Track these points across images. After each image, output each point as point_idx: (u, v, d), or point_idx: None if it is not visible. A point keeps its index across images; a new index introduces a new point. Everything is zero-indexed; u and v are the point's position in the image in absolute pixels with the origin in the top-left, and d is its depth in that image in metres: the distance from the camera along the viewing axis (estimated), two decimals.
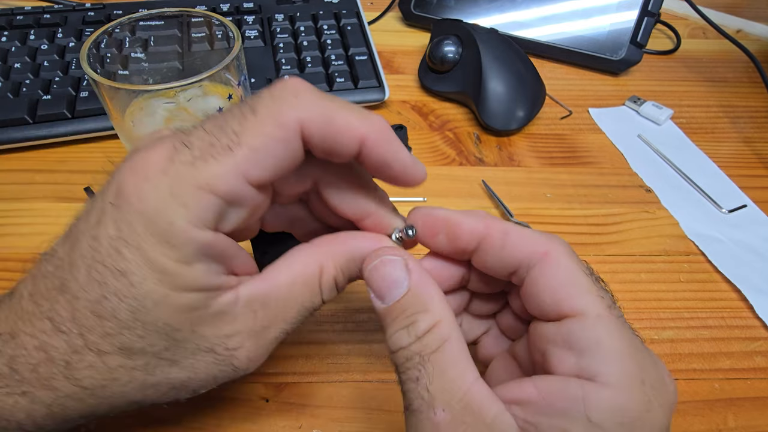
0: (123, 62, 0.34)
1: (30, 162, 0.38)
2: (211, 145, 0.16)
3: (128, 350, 0.17)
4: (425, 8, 0.54)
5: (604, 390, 0.15)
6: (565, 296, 0.17)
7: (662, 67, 0.52)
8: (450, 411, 0.16)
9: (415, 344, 0.17)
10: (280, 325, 0.19)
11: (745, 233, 0.35)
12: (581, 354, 0.16)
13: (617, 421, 0.15)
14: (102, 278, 0.16)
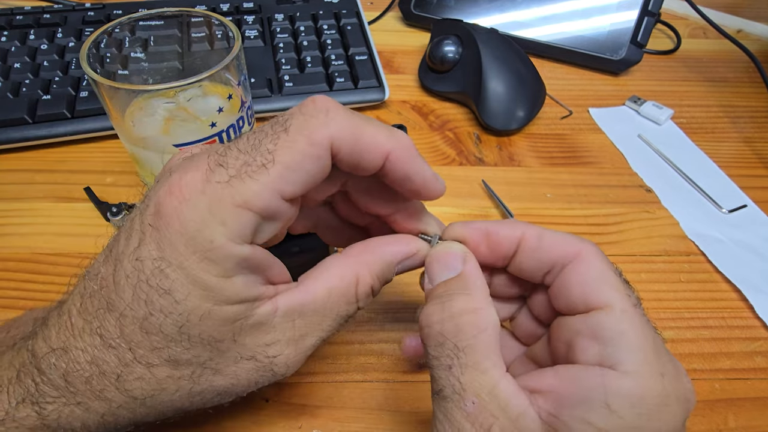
0: (123, 62, 0.34)
1: (30, 162, 0.38)
2: (247, 164, 0.17)
3: (175, 362, 0.18)
4: (425, 8, 0.54)
5: (625, 378, 0.16)
6: (595, 290, 0.18)
7: (662, 67, 0.52)
8: (480, 403, 0.17)
9: (449, 324, 0.18)
10: (317, 333, 0.20)
11: (745, 233, 0.35)
12: (605, 343, 0.17)
13: (636, 411, 0.16)
14: (147, 297, 0.17)
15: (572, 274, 0.19)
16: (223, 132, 0.31)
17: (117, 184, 0.37)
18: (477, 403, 0.17)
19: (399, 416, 0.26)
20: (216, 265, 0.17)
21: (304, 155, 0.17)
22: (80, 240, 0.33)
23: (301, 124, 0.17)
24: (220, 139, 0.31)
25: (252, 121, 0.34)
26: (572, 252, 0.19)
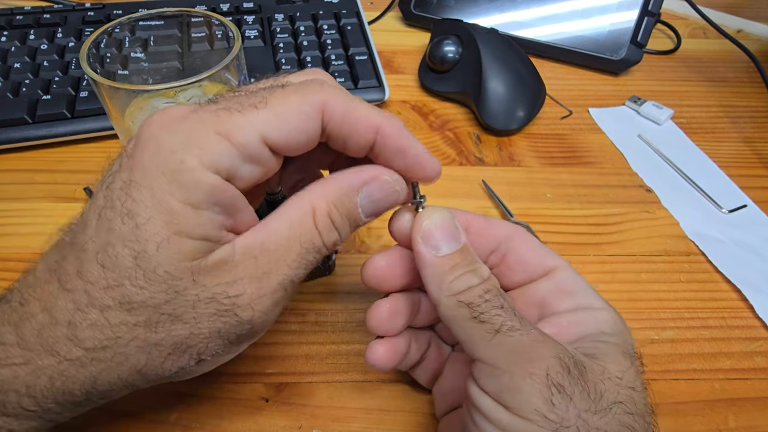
0: (123, 62, 0.34)
1: (30, 162, 0.38)
2: (239, 102, 0.17)
3: (129, 304, 0.17)
4: (425, 8, 0.54)
5: (602, 312, 0.20)
6: (545, 255, 0.22)
7: (662, 67, 0.52)
8: (537, 331, 0.18)
9: (485, 283, 0.19)
10: (282, 270, 0.19)
11: (745, 233, 0.35)
12: (573, 294, 0.21)
13: (620, 330, 0.20)
14: (110, 224, 0.16)
15: (523, 247, 0.22)
16: None
17: None
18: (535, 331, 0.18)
19: (399, 416, 0.26)
20: (184, 190, 0.16)
21: (295, 109, 0.17)
22: None
23: (297, 84, 0.18)
24: None
25: None
26: (512, 230, 0.22)
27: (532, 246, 0.22)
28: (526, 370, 0.17)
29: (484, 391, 0.18)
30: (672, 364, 0.28)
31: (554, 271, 0.22)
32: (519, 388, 0.17)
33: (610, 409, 0.17)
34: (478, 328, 0.18)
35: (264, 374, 0.27)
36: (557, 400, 0.16)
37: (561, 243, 0.34)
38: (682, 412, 0.26)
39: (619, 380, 0.18)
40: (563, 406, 0.16)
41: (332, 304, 0.30)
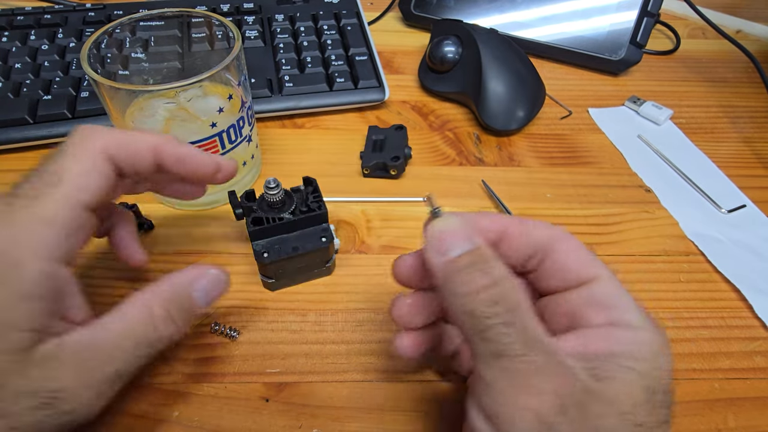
0: (123, 62, 0.34)
1: (30, 162, 0.38)
2: (39, 187, 0.19)
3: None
4: (425, 8, 0.54)
5: (640, 332, 0.18)
6: (585, 264, 0.20)
7: (662, 67, 0.52)
8: (543, 356, 0.17)
9: (495, 289, 0.18)
10: (109, 366, 0.20)
11: (744, 233, 0.35)
12: (610, 308, 0.19)
13: (657, 355, 0.18)
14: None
15: (562, 253, 0.20)
16: (224, 132, 0.31)
17: None
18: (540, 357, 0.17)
19: (399, 416, 0.26)
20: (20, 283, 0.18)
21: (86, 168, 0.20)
22: None
23: (74, 144, 0.20)
24: (220, 139, 0.31)
25: (252, 121, 0.34)
26: (554, 234, 0.21)
27: (573, 252, 0.20)
28: (521, 402, 0.17)
29: (480, 406, 0.18)
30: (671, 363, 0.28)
31: (593, 282, 0.20)
32: (511, 420, 0.17)
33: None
34: (482, 345, 0.18)
35: (264, 374, 0.27)
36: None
37: None
38: (682, 411, 0.26)
39: (625, 415, 0.16)
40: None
41: (332, 304, 0.30)
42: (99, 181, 0.20)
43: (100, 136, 0.21)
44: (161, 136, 0.23)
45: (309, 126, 0.43)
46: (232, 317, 0.29)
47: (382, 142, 0.39)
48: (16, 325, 0.18)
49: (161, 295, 0.22)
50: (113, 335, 0.20)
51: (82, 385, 0.19)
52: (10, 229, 0.18)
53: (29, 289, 0.18)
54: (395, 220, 0.35)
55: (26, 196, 0.19)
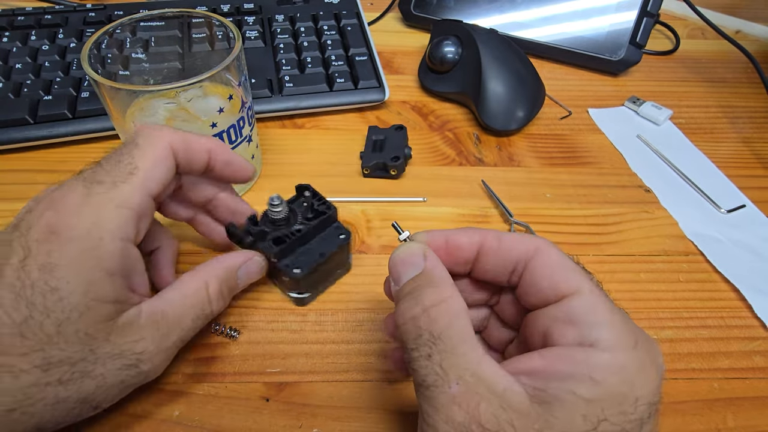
0: (124, 63, 0.34)
1: (31, 162, 0.38)
2: (118, 174, 0.22)
3: (47, 365, 0.19)
4: (425, 9, 0.54)
5: (605, 354, 0.17)
6: (562, 278, 0.19)
7: (661, 67, 0.52)
8: (464, 384, 0.17)
9: (423, 317, 0.19)
10: (178, 333, 0.23)
11: (744, 233, 0.35)
12: (581, 325, 0.18)
13: (618, 380, 0.17)
14: (30, 300, 0.19)
15: (538, 267, 0.20)
16: (224, 132, 0.31)
17: None
18: (461, 384, 0.17)
19: (399, 416, 0.26)
20: (102, 261, 0.20)
21: (156, 158, 0.23)
22: None
23: (146, 139, 0.23)
24: (220, 139, 0.31)
25: (252, 121, 0.34)
26: (532, 247, 0.20)
27: (550, 265, 0.20)
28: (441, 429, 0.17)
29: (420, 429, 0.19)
30: (671, 363, 0.28)
31: (570, 297, 0.19)
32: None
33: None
34: (412, 374, 0.19)
35: (264, 374, 0.27)
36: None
37: (560, 243, 0.34)
38: (681, 411, 0.26)
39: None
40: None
41: (332, 304, 0.30)
42: (166, 173, 0.23)
43: (167, 133, 0.24)
44: (213, 139, 0.26)
45: (309, 126, 0.43)
46: (232, 317, 0.29)
47: (382, 142, 0.39)
48: (103, 298, 0.20)
49: (215, 273, 0.25)
50: (178, 306, 0.23)
51: (158, 348, 0.22)
52: (93, 212, 0.20)
53: (110, 266, 0.20)
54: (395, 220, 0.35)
55: (105, 182, 0.21)
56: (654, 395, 0.17)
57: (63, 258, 0.19)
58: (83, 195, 0.21)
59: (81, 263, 0.20)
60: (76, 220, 0.20)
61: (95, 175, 0.22)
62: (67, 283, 0.19)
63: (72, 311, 0.19)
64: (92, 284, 0.20)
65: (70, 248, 0.20)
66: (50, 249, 0.19)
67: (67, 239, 0.20)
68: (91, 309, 0.20)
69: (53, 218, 0.20)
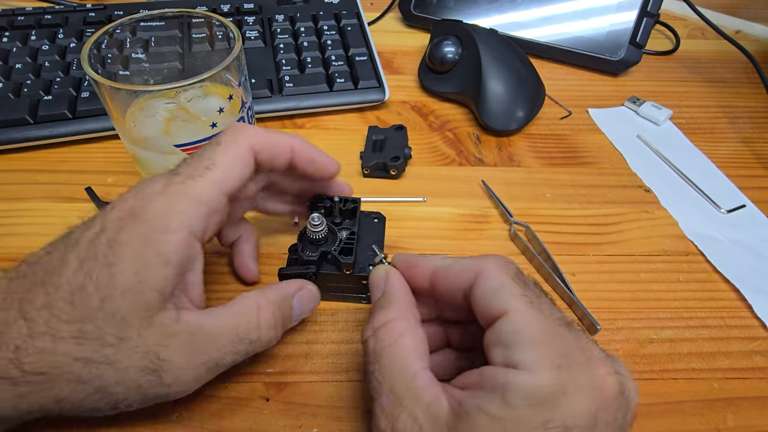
0: (124, 63, 0.34)
1: (31, 162, 0.38)
2: (195, 169, 0.22)
3: (82, 338, 0.19)
4: (425, 9, 0.54)
5: (521, 375, 0.18)
6: (492, 300, 0.20)
7: (661, 67, 0.52)
8: (393, 396, 0.19)
9: (372, 339, 0.21)
10: (211, 352, 0.22)
11: (744, 233, 0.35)
12: (506, 347, 0.19)
13: (528, 402, 0.17)
14: (89, 270, 0.20)
15: (477, 292, 0.20)
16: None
17: (118, 184, 0.37)
18: (391, 398, 0.19)
19: None
20: (162, 245, 0.20)
21: (235, 157, 0.23)
22: None
23: (228, 138, 0.24)
24: None
25: (252, 121, 0.34)
26: (473, 274, 0.21)
27: (485, 289, 0.20)
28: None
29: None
30: (671, 363, 0.28)
31: (501, 318, 0.19)
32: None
33: None
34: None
35: (264, 374, 0.27)
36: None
37: (560, 243, 0.34)
38: (681, 411, 0.26)
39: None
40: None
41: (333, 303, 0.30)
42: (242, 171, 0.23)
43: (250, 133, 0.24)
44: (295, 136, 0.26)
45: (309, 126, 0.43)
46: None
47: (382, 143, 0.39)
48: (151, 283, 0.20)
49: (269, 298, 0.24)
50: (221, 324, 0.22)
51: (186, 363, 0.21)
52: (165, 200, 0.21)
53: (168, 251, 0.20)
54: (395, 220, 0.35)
55: (184, 174, 0.22)
56: (574, 418, 0.17)
57: (129, 237, 0.20)
58: (163, 185, 0.22)
59: (142, 244, 0.20)
60: (152, 206, 0.21)
61: (178, 168, 0.23)
62: (123, 260, 0.20)
63: (117, 289, 0.19)
64: (145, 266, 0.20)
65: (138, 229, 0.20)
66: (121, 227, 0.20)
67: (139, 221, 0.20)
68: (135, 291, 0.20)
69: (133, 202, 0.21)
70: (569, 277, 0.32)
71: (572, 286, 0.31)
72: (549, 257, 0.32)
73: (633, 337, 0.29)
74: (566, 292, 0.31)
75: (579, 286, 0.31)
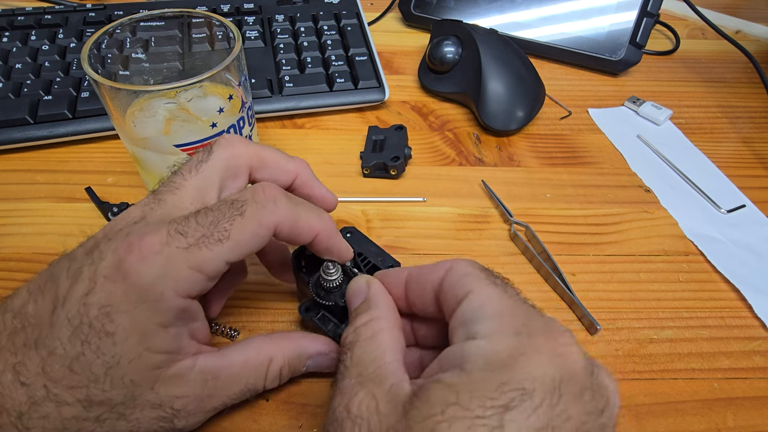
0: (124, 63, 0.34)
1: (31, 162, 0.38)
2: (205, 236, 0.20)
3: (89, 402, 0.19)
4: (425, 9, 0.54)
5: (477, 342, 0.18)
6: (457, 288, 0.20)
7: (661, 67, 0.52)
8: (357, 380, 0.19)
9: (352, 335, 0.21)
10: (223, 398, 0.22)
11: (743, 233, 0.35)
12: (467, 323, 0.19)
13: (484, 367, 0.17)
14: (86, 338, 0.19)
15: (443, 284, 0.21)
16: (224, 132, 0.31)
17: (118, 185, 0.37)
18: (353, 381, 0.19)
19: None
20: (159, 315, 0.19)
21: (252, 235, 0.21)
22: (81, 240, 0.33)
23: (254, 211, 0.21)
24: None
25: (252, 121, 0.34)
26: (444, 269, 0.21)
27: (455, 276, 0.21)
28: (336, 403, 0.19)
29: None
30: (671, 363, 0.28)
31: (463, 299, 0.20)
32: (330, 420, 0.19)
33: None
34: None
35: None
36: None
37: (560, 243, 0.34)
38: (681, 411, 0.26)
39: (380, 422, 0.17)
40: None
41: None
42: (254, 248, 0.21)
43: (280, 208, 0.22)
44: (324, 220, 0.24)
45: (309, 126, 0.43)
46: (232, 317, 0.29)
47: (382, 142, 0.39)
48: (156, 348, 0.20)
49: (284, 352, 0.24)
50: (236, 372, 0.22)
51: (197, 409, 0.22)
52: (163, 265, 0.19)
53: (166, 320, 0.20)
54: (395, 220, 0.35)
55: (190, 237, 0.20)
56: (533, 381, 0.16)
57: (122, 303, 0.19)
58: (162, 243, 0.19)
59: (138, 312, 0.19)
60: (146, 268, 0.19)
61: (185, 225, 0.20)
62: (123, 329, 0.19)
63: (122, 357, 0.19)
64: (145, 335, 0.19)
65: (131, 294, 0.19)
66: (113, 290, 0.19)
67: (131, 284, 0.19)
68: (142, 358, 0.19)
69: (125, 257, 0.19)
70: (569, 277, 0.32)
71: (572, 286, 0.31)
72: (549, 257, 0.32)
73: (633, 337, 0.29)
74: (566, 292, 0.31)
75: (579, 286, 0.31)
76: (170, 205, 0.22)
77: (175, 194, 0.22)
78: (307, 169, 0.25)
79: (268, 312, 0.30)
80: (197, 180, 0.22)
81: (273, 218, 0.21)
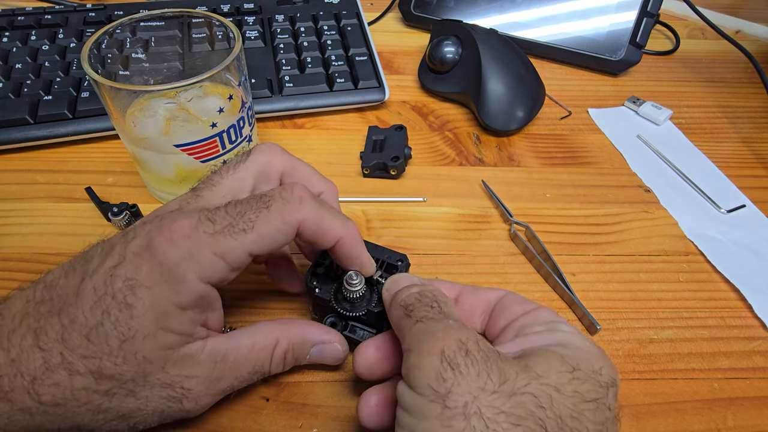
0: (124, 63, 0.34)
1: (31, 162, 0.38)
2: (231, 225, 0.21)
3: (99, 374, 0.19)
4: (425, 9, 0.54)
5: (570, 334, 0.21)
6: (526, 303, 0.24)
7: (661, 67, 0.52)
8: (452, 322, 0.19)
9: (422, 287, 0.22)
10: (231, 381, 0.23)
11: (744, 233, 0.35)
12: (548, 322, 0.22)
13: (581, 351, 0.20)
14: (107, 308, 0.19)
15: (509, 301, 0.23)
16: (224, 132, 0.31)
17: (118, 185, 0.37)
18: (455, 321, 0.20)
19: None
20: (179, 296, 0.20)
21: (276, 230, 0.21)
22: (81, 240, 0.33)
23: (280, 206, 0.22)
24: (220, 139, 0.31)
25: (252, 121, 0.34)
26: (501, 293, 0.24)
27: (518, 300, 0.23)
28: (426, 349, 0.18)
29: (401, 376, 0.19)
30: (671, 363, 0.28)
31: (533, 311, 0.22)
32: (418, 365, 0.18)
33: (516, 396, 0.17)
34: (406, 322, 0.20)
35: None
36: (448, 375, 0.17)
37: (560, 243, 0.34)
38: (681, 411, 0.26)
39: (539, 377, 0.17)
40: (453, 380, 0.17)
41: None
42: (277, 243, 0.22)
43: (306, 207, 0.22)
44: (349, 225, 0.24)
45: (309, 126, 0.43)
46: (232, 317, 0.29)
47: (382, 142, 0.39)
48: (171, 329, 0.20)
49: (289, 337, 0.24)
50: (244, 354, 0.23)
51: (207, 390, 0.22)
52: (188, 246, 0.20)
53: (186, 302, 0.20)
54: (395, 220, 0.35)
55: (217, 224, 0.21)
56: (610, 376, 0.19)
57: (146, 279, 0.20)
58: (191, 227, 0.20)
59: (159, 290, 0.20)
60: (173, 249, 0.20)
61: (215, 213, 0.21)
62: (143, 305, 0.19)
63: (138, 332, 0.19)
64: (164, 314, 0.20)
65: (156, 272, 0.20)
66: (140, 265, 0.20)
67: (157, 263, 0.20)
68: (157, 336, 0.20)
69: (156, 237, 0.20)
70: (569, 277, 0.32)
71: (572, 286, 0.31)
72: (549, 257, 0.32)
73: (633, 337, 0.29)
74: (566, 292, 0.31)
75: (579, 286, 0.31)
76: (206, 200, 0.23)
77: (211, 190, 0.23)
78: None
79: (268, 312, 0.30)
80: (233, 179, 0.24)
81: (297, 216, 0.22)
